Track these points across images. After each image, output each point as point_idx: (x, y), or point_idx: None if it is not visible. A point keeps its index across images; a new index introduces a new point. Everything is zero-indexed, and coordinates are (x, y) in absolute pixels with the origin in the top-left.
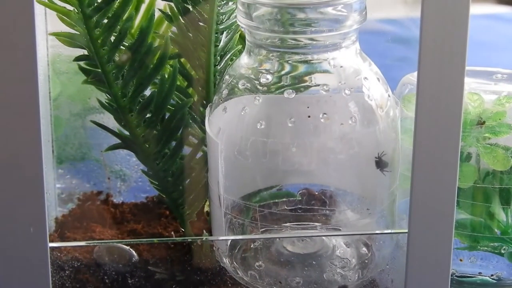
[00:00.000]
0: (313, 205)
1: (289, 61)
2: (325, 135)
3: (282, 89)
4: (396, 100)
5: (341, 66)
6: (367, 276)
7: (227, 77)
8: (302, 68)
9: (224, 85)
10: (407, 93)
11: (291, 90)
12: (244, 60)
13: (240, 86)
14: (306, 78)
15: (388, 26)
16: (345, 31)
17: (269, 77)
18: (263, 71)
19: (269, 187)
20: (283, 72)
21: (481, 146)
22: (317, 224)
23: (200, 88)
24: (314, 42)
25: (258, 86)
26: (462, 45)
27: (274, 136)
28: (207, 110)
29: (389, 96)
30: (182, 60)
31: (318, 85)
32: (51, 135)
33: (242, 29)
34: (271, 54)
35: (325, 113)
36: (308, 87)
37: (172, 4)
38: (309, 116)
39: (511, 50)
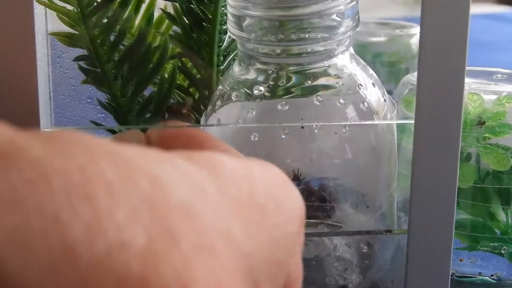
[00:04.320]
0: (313, 201)
1: (282, 71)
2: (319, 145)
3: (275, 100)
4: (393, 102)
5: (335, 74)
6: (367, 276)
7: (220, 87)
8: (295, 78)
9: (217, 96)
10: (407, 94)
11: (284, 102)
12: (237, 70)
13: (233, 97)
14: (300, 87)
15: None
16: (339, 39)
17: (262, 88)
18: (256, 82)
19: None
20: (276, 83)
21: (481, 146)
22: (316, 221)
23: (202, 88)
24: (308, 51)
25: (251, 98)
26: (462, 45)
27: (268, 148)
28: (202, 119)
29: (384, 101)
30: (185, 59)
31: (312, 94)
32: None
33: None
34: (263, 65)
35: (319, 123)
36: (302, 97)
37: (177, 4)
38: (302, 127)
39: (511, 50)
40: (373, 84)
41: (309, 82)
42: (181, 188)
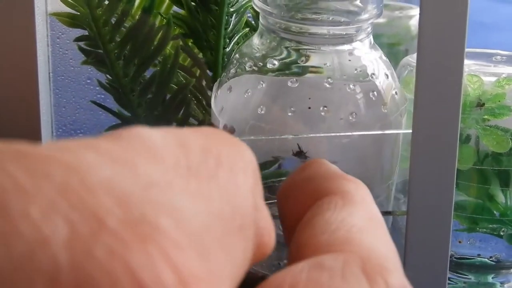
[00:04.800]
0: None
1: (299, 50)
2: (322, 128)
3: (287, 77)
4: (405, 96)
5: (350, 60)
6: None
7: (237, 55)
8: (310, 58)
9: (232, 64)
10: (406, 75)
11: (294, 79)
12: (255, 42)
13: (247, 67)
14: (313, 68)
15: None
16: (361, 24)
17: (276, 63)
18: (271, 56)
19: (266, 162)
20: (290, 60)
21: (480, 128)
22: None
23: (207, 70)
24: (328, 33)
25: (264, 71)
26: (461, 26)
27: (272, 123)
28: (215, 86)
29: (396, 94)
30: (188, 40)
31: (324, 76)
32: (51, 115)
33: (255, 11)
34: (282, 40)
35: (325, 106)
36: (313, 77)
37: None
38: (309, 108)
39: (511, 31)
40: (386, 75)
41: (324, 63)
42: (102, 169)
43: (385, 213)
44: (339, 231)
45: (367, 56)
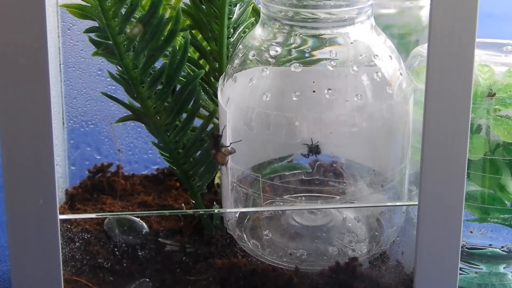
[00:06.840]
0: (324, 176)
1: (301, 35)
2: (328, 111)
3: (291, 62)
4: (411, 77)
5: (352, 42)
6: (376, 249)
7: (240, 46)
8: (313, 42)
9: (237, 55)
10: (417, 66)
11: (297, 64)
12: (258, 31)
13: (250, 57)
14: (316, 52)
15: None
16: (361, 6)
17: (279, 49)
18: (274, 43)
19: (278, 158)
20: (294, 46)
21: (491, 118)
22: (327, 195)
23: (213, 61)
24: (329, 17)
25: (268, 58)
26: (472, 16)
27: (278, 109)
28: (221, 78)
29: (401, 74)
30: (194, 32)
31: (327, 59)
32: (62, 107)
33: (255, 2)
34: (284, 27)
35: (329, 89)
36: (318, 61)
37: None
38: (314, 91)
39: None
40: (390, 56)
41: (326, 47)
42: None
43: (397, 204)
44: None
45: (369, 38)
